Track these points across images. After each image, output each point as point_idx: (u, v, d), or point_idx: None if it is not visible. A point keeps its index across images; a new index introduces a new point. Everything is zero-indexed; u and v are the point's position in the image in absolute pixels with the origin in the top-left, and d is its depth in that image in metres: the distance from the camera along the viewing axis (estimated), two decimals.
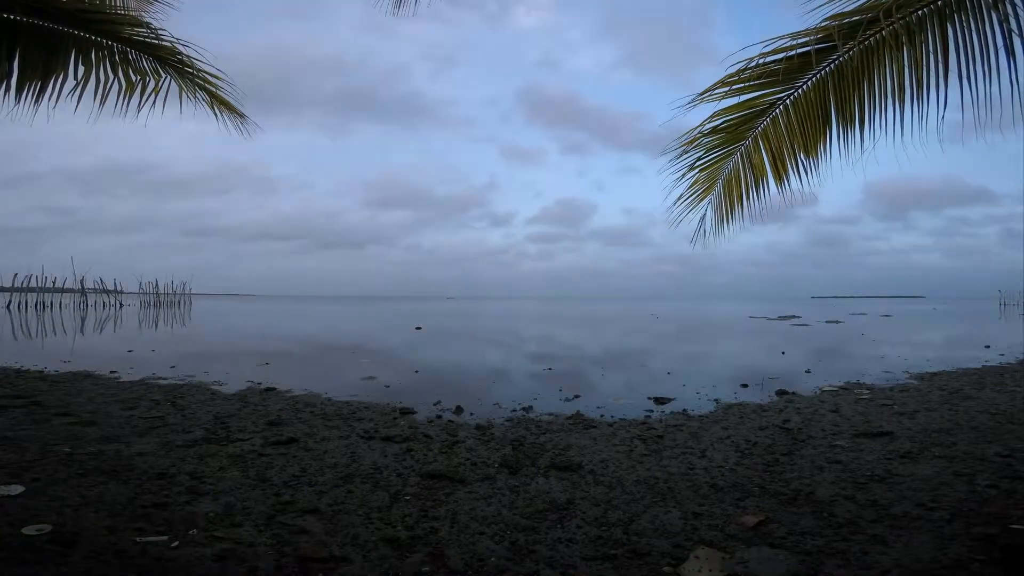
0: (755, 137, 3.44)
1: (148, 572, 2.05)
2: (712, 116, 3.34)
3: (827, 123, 3.11)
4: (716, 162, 3.60)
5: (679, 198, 3.69)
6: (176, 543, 2.27)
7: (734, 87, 3.18)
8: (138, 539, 2.29)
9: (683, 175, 3.61)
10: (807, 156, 3.24)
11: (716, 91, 3.19)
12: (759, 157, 3.45)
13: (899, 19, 2.74)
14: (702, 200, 3.75)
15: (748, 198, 3.59)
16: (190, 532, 2.38)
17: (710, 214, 3.77)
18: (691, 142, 3.45)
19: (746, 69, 3.07)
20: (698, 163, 3.58)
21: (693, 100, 3.19)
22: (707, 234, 3.78)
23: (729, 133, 3.45)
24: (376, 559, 2.20)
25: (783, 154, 3.32)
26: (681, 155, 3.52)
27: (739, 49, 3.01)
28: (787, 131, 3.29)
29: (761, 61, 3.03)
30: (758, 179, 3.51)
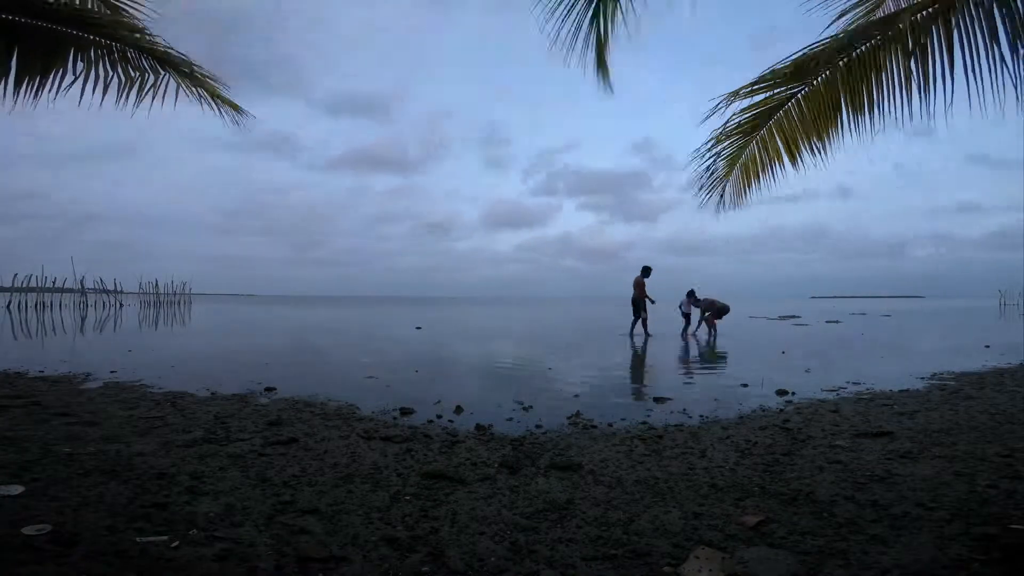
0: (770, 127, 3.78)
1: (148, 572, 2.05)
2: (733, 115, 3.70)
3: (838, 110, 3.34)
4: (736, 150, 3.98)
5: (701, 187, 4.09)
6: (176, 543, 2.27)
7: (754, 88, 3.50)
8: (138, 539, 2.29)
9: (708, 168, 4.01)
10: (819, 140, 3.54)
11: (740, 93, 3.51)
12: (774, 144, 3.80)
13: (907, 18, 2.86)
14: (723, 181, 4.16)
15: (764, 176, 3.99)
16: (190, 532, 2.39)
17: (729, 191, 4.22)
18: (717, 140, 3.86)
19: (763, 80, 3.42)
20: (721, 155, 4.00)
21: (719, 104, 3.54)
22: (725, 206, 4.26)
23: (749, 124, 3.79)
24: (376, 559, 2.20)
25: (797, 140, 3.64)
26: (709, 149, 3.92)
27: (764, 70, 3.41)
28: (800, 121, 3.60)
29: (778, 66, 3.35)
30: (773, 161, 3.87)
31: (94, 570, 2.04)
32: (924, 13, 2.87)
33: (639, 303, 14.32)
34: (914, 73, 2.91)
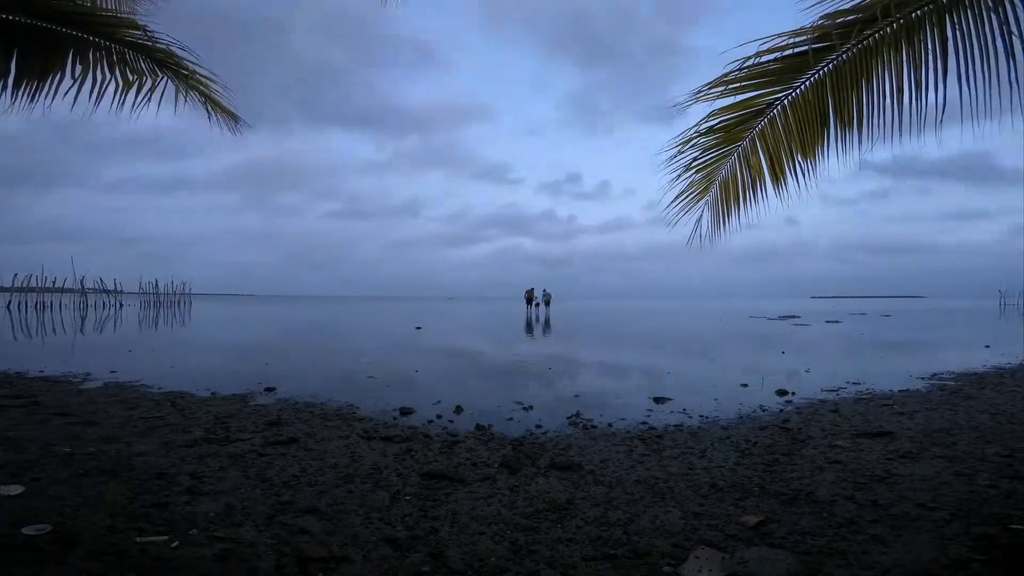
0: (752, 137, 3.38)
1: (148, 572, 2.05)
2: (709, 116, 3.29)
3: (825, 124, 3.06)
4: (713, 163, 3.53)
5: (675, 199, 3.62)
6: (176, 543, 2.27)
7: (731, 87, 3.13)
8: (138, 539, 2.30)
9: (679, 176, 3.54)
10: (804, 157, 3.19)
11: (712, 90, 3.13)
12: (756, 158, 3.38)
13: (898, 18, 2.72)
14: (699, 201, 3.67)
15: (745, 199, 3.52)
16: (190, 532, 2.38)
17: (707, 215, 3.69)
18: (687, 142, 3.39)
19: (743, 68, 3.03)
20: (694, 164, 3.50)
21: (689, 100, 3.15)
22: (703, 236, 3.69)
23: (726, 133, 3.39)
24: (376, 559, 2.20)
25: (780, 155, 3.28)
26: (677, 155, 3.44)
27: (736, 46, 2.96)
28: (784, 132, 3.24)
29: (757, 61, 2.99)
30: (755, 180, 3.44)
31: (94, 570, 2.05)
32: (918, 12, 2.68)
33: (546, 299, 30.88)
34: (905, 77, 2.69)
